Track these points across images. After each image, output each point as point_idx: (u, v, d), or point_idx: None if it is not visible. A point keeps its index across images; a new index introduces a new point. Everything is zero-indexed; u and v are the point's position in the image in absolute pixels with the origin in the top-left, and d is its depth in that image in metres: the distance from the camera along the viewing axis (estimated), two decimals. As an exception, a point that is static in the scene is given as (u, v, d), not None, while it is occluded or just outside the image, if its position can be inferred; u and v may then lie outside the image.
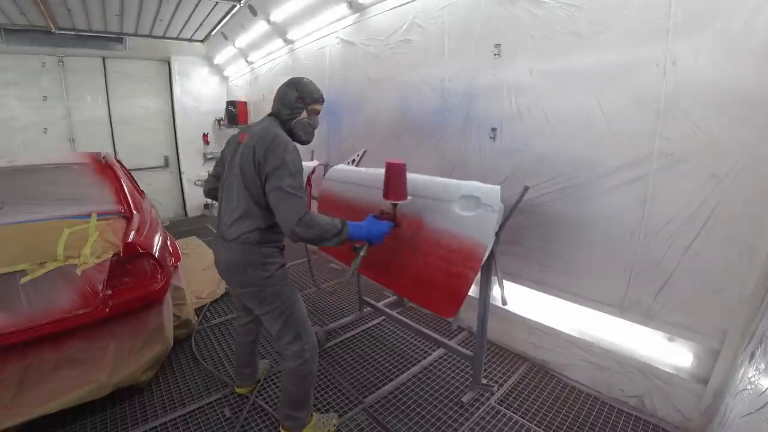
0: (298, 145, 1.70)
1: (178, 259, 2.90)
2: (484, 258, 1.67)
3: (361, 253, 1.71)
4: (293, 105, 1.73)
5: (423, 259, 1.86)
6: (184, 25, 5.42)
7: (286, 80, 1.80)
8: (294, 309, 1.77)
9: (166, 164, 6.80)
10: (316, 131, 1.85)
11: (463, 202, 1.80)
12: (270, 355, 2.63)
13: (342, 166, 2.83)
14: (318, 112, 1.83)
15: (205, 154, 7.13)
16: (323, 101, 1.83)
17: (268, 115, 1.79)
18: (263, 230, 1.67)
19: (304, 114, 1.76)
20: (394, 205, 1.79)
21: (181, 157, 6.80)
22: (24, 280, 1.91)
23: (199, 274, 4.00)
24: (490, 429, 1.97)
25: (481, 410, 2.09)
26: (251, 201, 1.64)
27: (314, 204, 2.85)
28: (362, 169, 2.58)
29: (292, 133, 1.73)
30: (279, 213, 1.56)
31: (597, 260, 2.11)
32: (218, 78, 7.06)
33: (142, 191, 3.52)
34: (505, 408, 2.10)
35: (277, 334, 1.78)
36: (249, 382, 2.26)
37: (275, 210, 1.57)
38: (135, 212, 2.61)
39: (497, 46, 2.41)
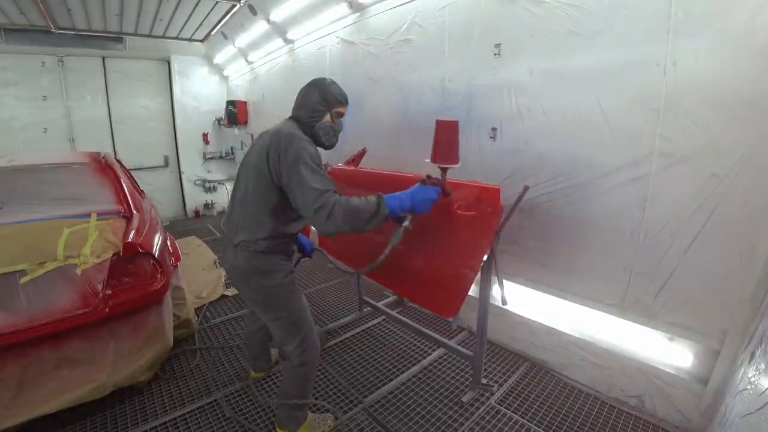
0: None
1: (178, 259, 2.89)
2: (484, 258, 1.67)
3: (404, 224, 1.55)
4: (315, 107, 1.65)
5: (423, 259, 1.86)
6: (184, 24, 5.41)
7: (309, 80, 1.74)
8: (299, 317, 1.71)
9: (166, 164, 6.79)
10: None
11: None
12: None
13: (341, 166, 2.82)
14: (342, 115, 1.75)
15: (205, 154, 7.13)
16: (347, 102, 1.76)
17: (288, 118, 1.72)
18: (271, 238, 1.59)
19: (327, 117, 1.69)
20: (444, 170, 1.62)
21: (181, 156, 6.80)
22: (24, 280, 1.91)
23: (199, 274, 4.01)
24: (490, 429, 1.97)
25: (481, 410, 2.09)
26: (260, 205, 1.57)
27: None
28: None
29: (314, 137, 1.66)
30: (303, 210, 1.47)
31: (597, 260, 2.11)
32: (218, 78, 7.06)
33: (142, 191, 3.52)
34: (505, 408, 2.10)
35: (280, 339, 1.74)
36: (264, 369, 2.37)
37: (300, 208, 1.48)
38: (135, 212, 2.61)
39: (497, 45, 2.41)
